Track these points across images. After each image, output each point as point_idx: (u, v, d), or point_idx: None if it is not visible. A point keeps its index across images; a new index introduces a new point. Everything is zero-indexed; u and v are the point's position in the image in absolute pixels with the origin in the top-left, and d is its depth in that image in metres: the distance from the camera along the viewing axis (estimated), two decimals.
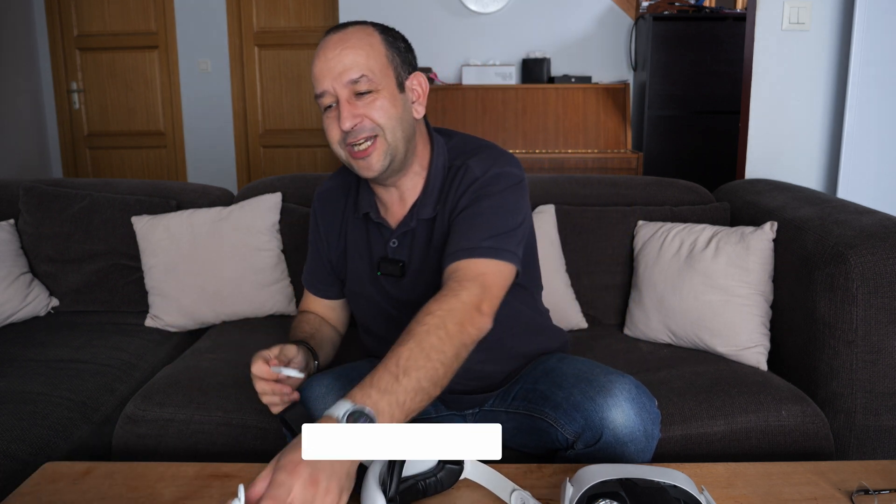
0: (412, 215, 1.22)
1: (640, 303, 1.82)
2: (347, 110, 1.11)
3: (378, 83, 1.12)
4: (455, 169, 1.21)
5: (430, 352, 0.93)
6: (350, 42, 1.13)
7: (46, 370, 1.63)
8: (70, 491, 1.01)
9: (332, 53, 1.12)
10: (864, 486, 0.99)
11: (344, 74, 1.11)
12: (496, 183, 1.16)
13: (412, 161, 1.21)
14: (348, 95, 1.12)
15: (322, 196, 1.35)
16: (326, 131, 1.16)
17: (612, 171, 3.54)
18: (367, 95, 1.12)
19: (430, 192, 1.21)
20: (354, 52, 1.12)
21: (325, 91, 1.12)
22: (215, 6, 4.40)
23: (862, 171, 2.28)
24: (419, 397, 0.90)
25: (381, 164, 1.15)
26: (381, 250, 1.26)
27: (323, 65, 1.12)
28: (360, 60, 1.12)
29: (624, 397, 1.08)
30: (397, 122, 1.14)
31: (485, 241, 1.10)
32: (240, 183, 4.60)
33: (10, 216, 2.06)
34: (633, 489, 0.84)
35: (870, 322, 1.47)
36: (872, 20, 2.20)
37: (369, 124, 1.13)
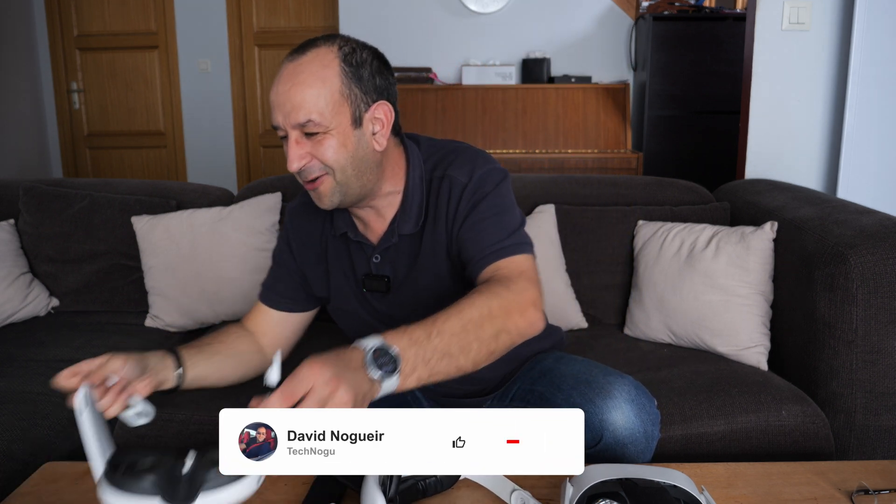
0: (392, 231, 1.18)
1: (640, 302, 1.82)
2: (294, 151, 1.07)
3: (328, 124, 1.06)
4: (438, 181, 1.17)
5: (468, 324, 0.93)
6: (301, 76, 1.06)
7: (46, 370, 1.63)
8: (70, 491, 1.01)
9: (283, 88, 1.06)
10: (864, 486, 0.99)
11: (293, 113, 1.06)
12: (487, 183, 1.14)
13: (380, 185, 1.16)
14: (297, 135, 1.07)
15: (294, 211, 1.29)
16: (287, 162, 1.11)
17: (612, 171, 3.54)
18: (315, 136, 1.07)
19: (410, 207, 1.17)
20: (303, 90, 1.05)
21: (278, 126, 1.09)
22: (215, 6, 4.40)
23: (862, 171, 2.28)
24: (445, 361, 0.90)
25: (330, 201, 1.11)
26: (364, 267, 1.22)
27: (275, 98, 1.08)
28: (308, 100, 1.05)
29: (623, 399, 1.08)
30: (347, 161, 1.09)
31: (507, 240, 1.10)
32: (240, 183, 4.60)
33: (10, 216, 2.06)
34: (633, 489, 0.84)
35: (870, 322, 1.47)
36: (872, 20, 2.20)
37: (318, 164, 1.08)
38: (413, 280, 1.20)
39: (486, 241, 1.11)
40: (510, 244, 1.10)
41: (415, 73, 3.80)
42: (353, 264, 1.23)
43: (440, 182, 1.17)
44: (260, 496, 1.00)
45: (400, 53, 3.87)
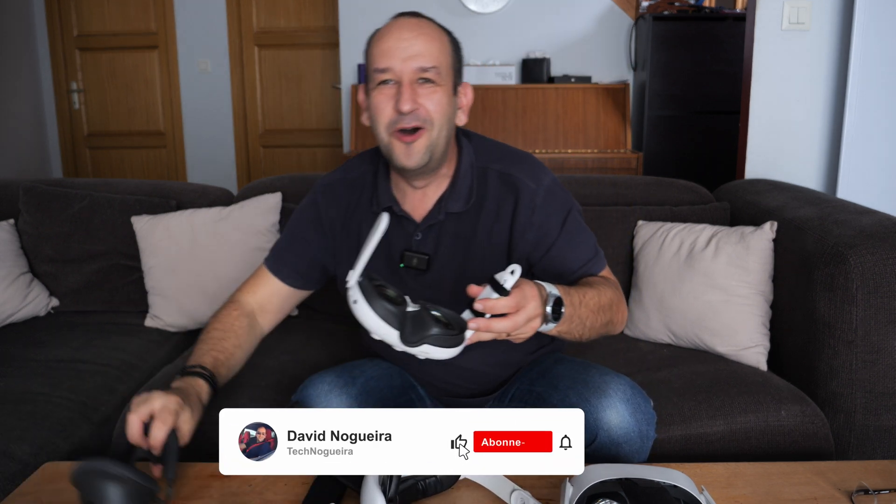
0: (439, 209, 1.21)
1: (640, 302, 1.82)
2: (408, 93, 1.11)
3: (442, 79, 1.14)
4: (497, 175, 1.22)
5: (599, 307, 1.10)
6: (426, 31, 1.14)
7: (46, 370, 1.63)
8: (70, 491, 1.01)
9: (408, 35, 1.12)
10: (864, 486, 0.99)
11: (416, 59, 1.11)
12: (562, 196, 1.23)
13: (444, 160, 1.21)
14: (411, 80, 1.12)
15: (328, 187, 1.30)
16: (375, 110, 1.14)
17: (612, 171, 3.54)
18: (428, 85, 1.12)
19: (460, 189, 1.21)
20: (429, 42, 1.13)
21: (389, 68, 1.12)
22: (215, 6, 4.40)
23: (862, 171, 2.28)
24: (578, 329, 1.06)
25: (420, 157, 1.14)
26: (402, 243, 1.23)
27: (395, 43, 1.12)
28: (433, 52, 1.13)
29: (619, 398, 1.08)
30: (446, 120, 1.15)
31: (595, 255, 1.24)
32: (240, 183, 4.60)
33: (10, 216, 2.06)
34: (633, 489, 0.84)
35: (870, 322, 1.47)
36: (872, 20, 2.20)
37: (423, 113, 1.12)
38: (456, 263, 1.22)
39: (581, 256, 1.22)
40: (599, 258, 1.24)
41: None
42: (391, 240, 1.23)
43: (505, 179, 1.21)
44: (260, 496, 1.00)
45: None
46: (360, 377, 1.18)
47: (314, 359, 1.70)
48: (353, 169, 1.30)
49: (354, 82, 3.89)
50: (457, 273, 1.21)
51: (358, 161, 1.31)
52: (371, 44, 1.17)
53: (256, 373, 1.61)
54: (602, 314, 1.10)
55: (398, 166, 1.16)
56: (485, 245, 1.21)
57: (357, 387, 1.16)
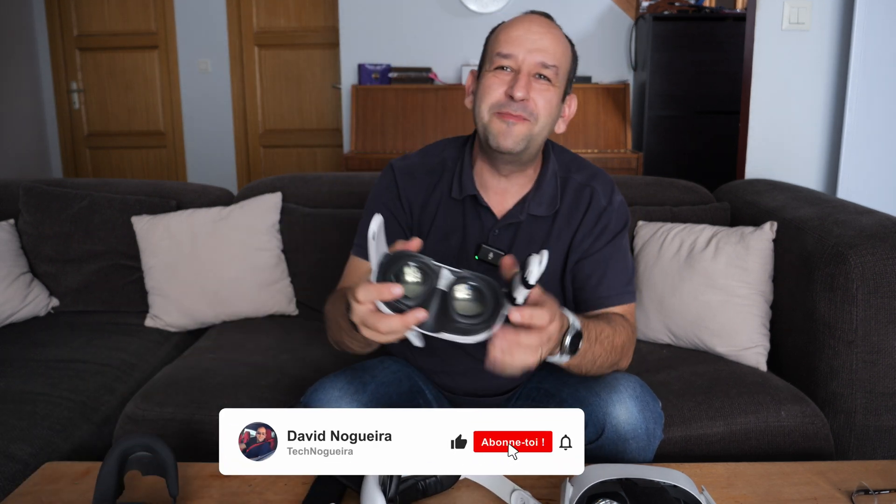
0: (522, 209, 1.21)
1: (640, 303, 1.82)
2: (526, 81, 1.12)
3: (557, 80, 1.16)
4: (578, 185, 1.24)
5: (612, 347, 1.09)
6: (555, 33, 1.17)
7: (46, 370, 1.63)
8: (70, 491, 1.01)
9: (538, 29, 1.15)
10: (864, 486, 0.99)
11: (541, 53, 1.13)
12: (622, 217, 1.25)
13: (533, 162, 1.22)
14: (530, 72, 1.13)
15: (404, 170, 1.28)
16: (484, 90, 1.15)
17: (612, 171, 3.53)
18: (543, 81, 1.14)
19: (544, 192, 1.22)
20: (556, 43, 1.15)
21: (512, 55, 1.13)
22: (215, 6, 4.40)
23: (862, 171, 2.28)
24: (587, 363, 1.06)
25: (517, 141, 1.14)
26: (478, 236, 1.23)
27: (524, 34, 1.14)
28: (558, 53, 1.15)
29: (628, 394, 1.09)
30: (549, 120, 1.16)
31: (628, 286, 1.23)
32: (240, 183, 4.60)
33: (10, 216, 2.06)
34: (633, 489, 0.84)
35: (870, 322, 1.47)
36: (872, 20, 2.20)
37: (532, 106, 1.13)
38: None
39: (615, 282, 1.22)
40: (630, 291, 1.24)
41: (415, 73, 3.80)
42: (466, 231, 1.23)
43: (582, 189, 1.24)
44: (260, 496, 1.00)
45: (400, 53, 3.88)
46: (371, 383, 1.18)
47: (314, 358, 1.70)
48: (433, 154, 1.29)
49: (354, 82, 3.89)
50: None
51: (440, 147, 1.31)
52: (497, 30, 1.19)
53: (256, 373, 1.61)
54: (612, 354, 1.10)
55: (493, 145, 1.15)
56: (554, 250, 1.22)
57: (368, 393, 1.16)
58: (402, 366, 1.29)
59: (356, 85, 3.77)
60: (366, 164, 3.54)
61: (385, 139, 3.69)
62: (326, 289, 1.41)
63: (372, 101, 3.72)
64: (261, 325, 1.93)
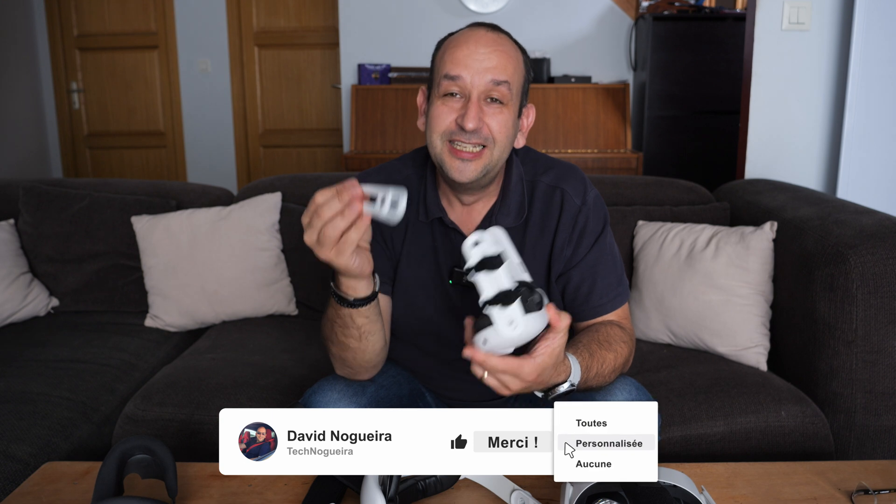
0: (489, 224, 1.17)
1: (640, 303, 1.82)
2: (476, 110, 1.07)
3: (510, 99, 1.10)
4: (547, 188, 1.19)
5: (611, 370, 1.08)
6: (504, 47, 1.10)
7: (46, 370, 1.63)
8: (70, 491, 1.01)
9: (485, 48, 1.08)
10: (864, 486, 0.99)
11: (490, 73, 1.07)
12: (599, 215, 1.20)
13: (495, 180, 1.18)
14: (480, 97, 1.08)
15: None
16: (434, 118, 1.09)
17: (612, 171, 3.53)
18: (495, 104, 1.08)
19: (510, 202, 1.18)
20: (505, 59, 1.09)
21: (460, 77, 1.07)
22: (215, 6, 4.40)
23: (862, 171, 2.28)
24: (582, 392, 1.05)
25: (475, 175, 1.09)
26: (452, 258, 1.19)
27: (471, 53, 1.07)
28: (508, 69, 1.09)
29: (624, 397, 1.09)
30: (506, 142, 1.11)
31: (619, 287, 1.20)
32: (240, 183, 4.60)
33: (10, 216, 2.06)
34: (633, 489, 0.84)
35: (870, 322, 1.47)
36: (872, 20, 2.20)
37: (486, 132, 1.08)
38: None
39: (604, 286, 1.19)
40: (621, 292, 1.21)
41: (415, 73, 3.80)
42: (437, 254, 1.20)
43: (552, 192, 1.19)
44: (260, 496, 1.00)
45: (400, 53, 3.87)
46: (371, 386, 1.17)
47: (314, 358, 1.70)
48: (395, 172, 1.24)
49: (355, 82, 3.89)
50: None
51: (399, 164, 1.26)
52: (444, 48, 1.12)
53: (256, 373, 1.61)
54: (612, 376, 1.09)
55: (449, 179, 1.12)
56: (529, 261, 1.17)
57: (367, 396, 1.15)
58: (402, 371, 1.29)
59: (356, 85, 3.77)
60: (366, 164, 3.54)
61: (385, 139, 3.69)
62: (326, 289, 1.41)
63: (372, 101, 3.72)
64: (260, 324, 1.93)
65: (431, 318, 1.21)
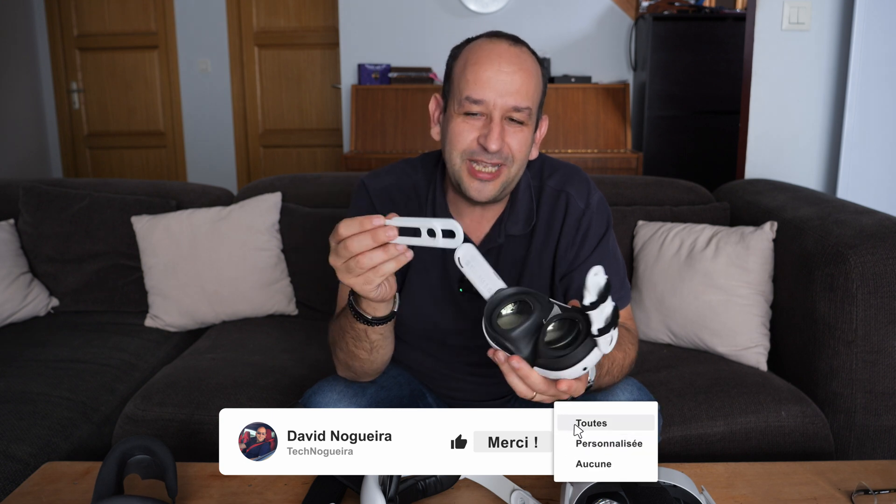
0: (499, 231, 1.18)
1: (640, 303, 1.82)
2: (499, 131, 1.06)
3: (531, 117, 1.09)
4: (553, 192, 1.19)
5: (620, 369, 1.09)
6: (526, 65, 1.08)
7: (46, 370, 1.63)
8: (70, 491, 1.01)
9: (509, 68, 1.06)
10: (864, 486, 0.99)
11: (513, 97, 1.05)
12: (602, 217, 1.20)
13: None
14: (502, 118, 1.06)
15: (381, 192, 1.22)
16: (455, 136, 1.08)
17: (612, 171, 3.53)
18: (516, 125, 1.08)
19: (519, 209, 1.18)
20: (528, 80, 1.07)
21: (482, 101, 1.05)
22: (215, 6, 4.40)
23: (862, 171, 2.28)
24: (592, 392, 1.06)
25: (493, 195, 1.10)
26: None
27: (494, 75, 1.05)
28: (530, 91, 1.07)
29: (625, 398, 1.09)
30: (524, 158, 1.11)
31: (621, 290, 1.20)
32: (240, 183, 4.60)
33: (10, 216, 2.06)
34: (633, 489, 0.84)
35: (870, 322, 1.47)
36: (872, 20, 2.20)
37: (506, 152, 1.08)
38: (512, 283, 1.19)
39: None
40: (624, 294, 1.21)
41: (415, 73, 3.80)
42: (446, 262, 1.19)
43: (557, 196, 1.19)
44: (260, 496, 1.00)
45: (400, 53, 3.87)
46: (371, 386, 1.17)
47: (314, 359, 1.70)
48: (405, 175, 1.23)
49: (355, 82, 3.89)
50: None
51: (408, 168, 1.24)
52: (465, 62, 1.09)
53: (256, 373, 1.61)
54: (620, 375, 1.10)
55: (467, 196, 1.12)
56: (536, 267, 1.19)
57: (367, 397, 1.15)
58: (403, 371, 1.29)
59: (356, 85, 3.77)
60: (366, 164, 3.54)
61: (385, 139, 3.69)
62: (326, 289, 1.40)
63: (372, 101, 3.72)
64: (260, 324, 1.93)
65: (438, 325, 1.22)
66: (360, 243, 0.84)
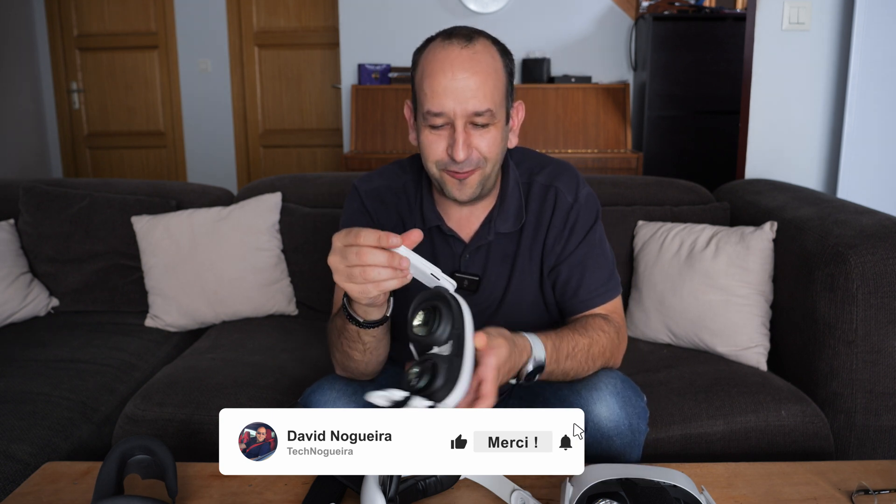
0: (488, 229, 1.19)
1: (640, 303, 1.82)
2: (463, 139, 1.06)
3: (495, 116, 1.08)
4: (542, 188, 1.21)
5: (590, 357, 1.10)
6: (480, 65, 1.06)
7: (46, 370, 1.63)
8: (70, 491, 1.01)
9: (462, 74, 1.05)
10: (864, 486, 0.99)
11: (470, 103, 1.05)
12: (591, 210, 1.21)
13: (494, 187, 1.19)
14: (466, 124, 1.07)
15: (372, 194, 1.24)
16: (425, 148, 1.10)
17: (612, 171, 3.54)
18: (481, 127, 1.08)
19: (508, 206, 1.19)
20: (485, 81, 1.06)
21: (443, 112, 1.06)
22: (215, 6, 4.40)
23: (862, 171, 2.28)
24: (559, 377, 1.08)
25: (473, 191, 1.12)
26: (451, 264, 1.21)
27: (448, 83, 1.05)
28: (487, 91, 1.06)
29: (609, 391, 1.09)
30: (498, 155, 1.12)
31: (609, 282, 1.21)
32: (240, 183, 4.60)
33: (10, 216, 2.06)
34: (633, 489, 0.84)
35: (870, 322, 1.47)
36: (872, 20, 2.20)
37: (476, 156, 1.09)
38: (503, 281, 1.20)
39: (594, 281, 1.20)
40: (612, 286, 1.22)
41: None
42: (437, 259, 1.21)
43: (546, 191, 1.20)
44: (260, 496, 1.00)
45: (400, 53, 3.88)
46: (370, 385, 1.18)
47: (314, 359, 1.70)
48: (395, 177, 1.25)
49: (354, 82, 3.89)
50: (502, 293, 1.21)
51: (398, 169, 1.27)
52: (421, 72, 1.09)
53: (256, 373, 1.61)
54: (588, 363, 1.10)
55: (449, 196, 1.14)
56: (526, 263, 1.21)
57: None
58: (402, 370, 1.29)
59: (356, 85, 3.77)
60: (366, 164, 3.54)
61: (385, 139, 3.69)
62: (326, 289, 1.40)
63: (372, 101, 3.72)
64: (260, 325, 1.93)
65: None
66: (375, 258, 0.85)
